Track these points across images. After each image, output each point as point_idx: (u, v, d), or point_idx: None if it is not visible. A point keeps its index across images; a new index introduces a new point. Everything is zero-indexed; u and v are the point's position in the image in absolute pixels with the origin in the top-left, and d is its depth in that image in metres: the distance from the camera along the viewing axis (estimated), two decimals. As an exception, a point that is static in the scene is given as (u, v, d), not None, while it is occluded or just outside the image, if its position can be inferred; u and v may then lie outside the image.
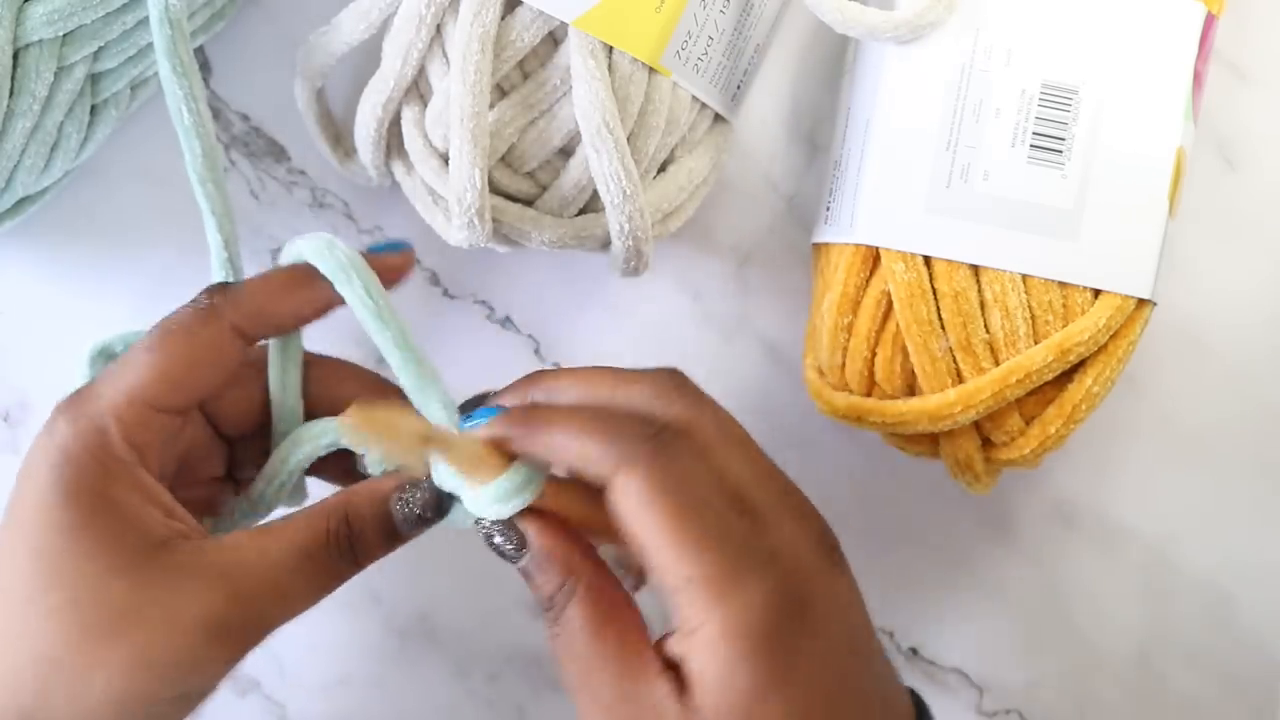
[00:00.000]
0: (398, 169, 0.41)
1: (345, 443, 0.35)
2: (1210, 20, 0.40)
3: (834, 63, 0.45)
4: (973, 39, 0.39)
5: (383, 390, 0.37)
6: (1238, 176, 0.46)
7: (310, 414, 0.37)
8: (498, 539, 0.33)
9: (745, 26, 0.41)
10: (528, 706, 0.45)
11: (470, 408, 0.35)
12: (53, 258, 0.45)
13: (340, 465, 0.36)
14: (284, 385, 0.36)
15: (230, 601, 0.31)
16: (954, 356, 0.39)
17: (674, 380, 0.33)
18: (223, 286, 0.35)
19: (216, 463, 0.37)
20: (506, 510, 0.32)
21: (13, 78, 0.37)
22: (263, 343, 0.36)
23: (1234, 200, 0.46)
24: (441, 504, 0.34)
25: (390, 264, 0.36)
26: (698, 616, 0.30)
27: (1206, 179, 0.45)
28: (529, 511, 0.32)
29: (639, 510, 0.30)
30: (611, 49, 0.38)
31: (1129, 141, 0.39)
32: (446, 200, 0.40)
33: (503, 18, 0.38)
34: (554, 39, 0.38)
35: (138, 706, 0.31)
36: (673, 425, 0.31)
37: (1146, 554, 0.46)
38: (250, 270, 0.36)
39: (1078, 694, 0.46)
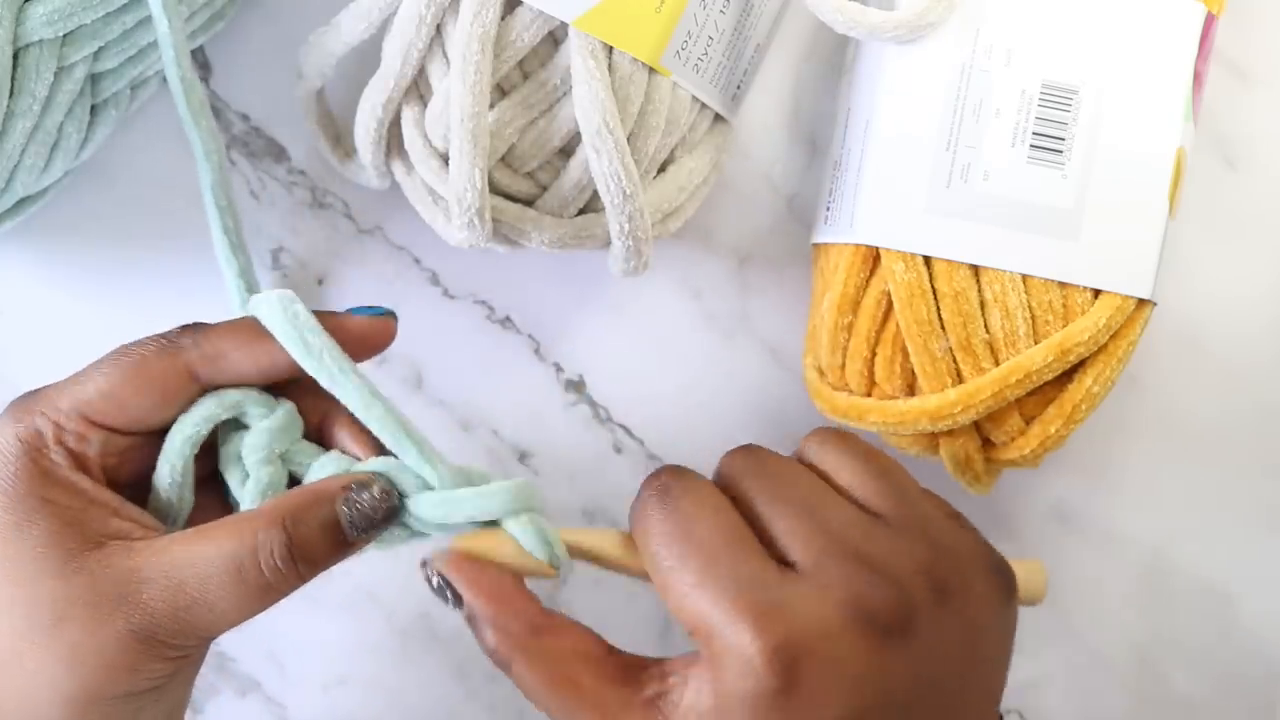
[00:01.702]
0: (398, 169, 0.41)
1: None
2: (1210, 20, 0.40)
3: (834, 63, 0.45)
4: (973, 39, 0.39)
5: (358, 432, 0.35)
6: (1238, 176, 0.46)
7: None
8: (442, 589, 0.32)
9: (745, 26, 0.41)
10: (528, 707, 0.45)
11: None
12: (53, 258, 0.45)
13: None
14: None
15: (151, 610, 0.31)
16: (954, 356, 0.39)
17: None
18: (194, 326, 0.35)
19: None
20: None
21: (13, 78, 0.37)
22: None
23: (1234, 200, 0.46)
24: (394, 505, 0.33)
25: (362, 329, 0.35)
26: (695, 659, 0.30)
27: (1206, 179, 0.45)
28: (467, 564, 0.32)
29: (647, 555, 0.31)
30: (611, 49, 0.38)
31: (1129, 141, 0.39)
32: (446, 200, 0.40)
33: (503, 18, 0.38)
34: (554, 39, 0.38)
35: (86, 706, 0.31)
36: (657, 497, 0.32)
37: (1146, 554, 0.46)
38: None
39: (1078, 694, 0.46)
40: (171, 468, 0.34)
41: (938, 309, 0.39)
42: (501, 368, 0.45)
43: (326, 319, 0.35)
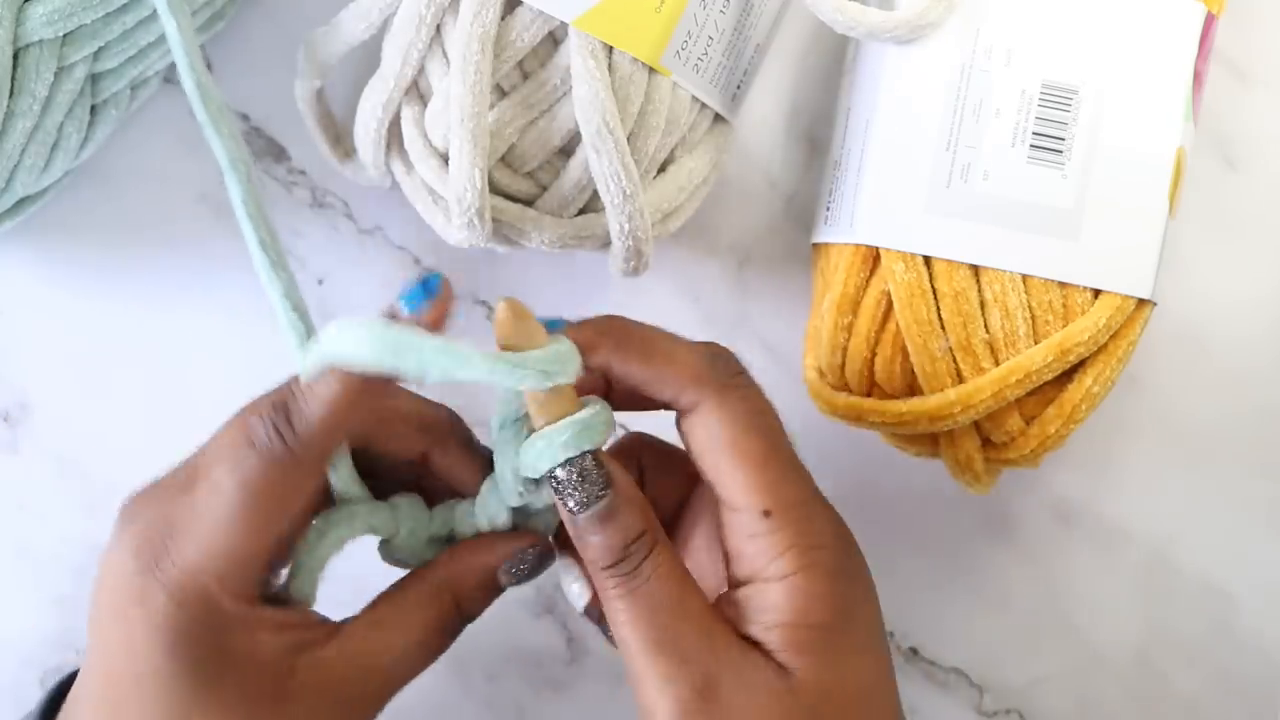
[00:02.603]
0: (398, 169, 0.41)
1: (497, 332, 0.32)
2: (1210, 20, 0.40)
3: (834, 63, 0.45)
4: (973, 39, 0.39)
5: (436, 410, 0.36)
6: (1238, 176, 0.46)
7: (378, 456, 0.35)
8: (590, 473, 0.30)
9: (745, 26, 0.41)
10: (528, 706, 0.45)
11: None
12: (53, 258, 0.45)
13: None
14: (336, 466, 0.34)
15: (353, 701, 0.32)
16: (954, 356, 0.39)
17: (729, 352, 0.34)
18: (284, 416, 0.31)
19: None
20: (590, 442, 0.31)
21: (13, 78, 0.37)
22: None
23: (1234, 200, 0.46)
24: (548, 557, 0.34)
25: (434, 316, 0.32)
26: (776, 548, 0.31)
27: (1206, 179, 0.45)
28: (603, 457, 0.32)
29: (723, 442, 0.31)
30: (611, 49, 0.38)
31: (1129, 141, 0.39)
32: (446, 200, 0.40)
33: (503, 18, 0.38)
34: (554, 39, 0.38)
35: None
36: (744, 376, 0.33)
37: (1146, 554, 0.46)
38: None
39: (1078, 694, 0.46)
40: (310, 569, 0.34)
41: (938, 309, 0.39)
42: (501, 368, 0.45)
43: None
